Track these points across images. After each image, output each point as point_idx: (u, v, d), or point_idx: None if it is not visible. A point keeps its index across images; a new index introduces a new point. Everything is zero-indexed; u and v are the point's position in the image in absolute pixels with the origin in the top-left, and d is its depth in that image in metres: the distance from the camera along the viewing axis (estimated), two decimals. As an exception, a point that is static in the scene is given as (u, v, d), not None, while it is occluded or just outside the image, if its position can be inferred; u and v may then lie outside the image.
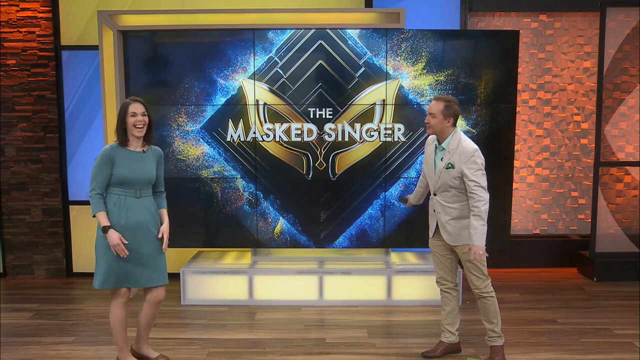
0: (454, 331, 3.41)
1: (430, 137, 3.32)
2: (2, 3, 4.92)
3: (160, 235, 3.04)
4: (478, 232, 3.04)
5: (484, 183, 3.06)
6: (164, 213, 3.15)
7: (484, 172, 3.09)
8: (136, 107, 2.93)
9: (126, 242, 2.91)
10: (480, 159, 3.08)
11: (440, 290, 3.41)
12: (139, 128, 2.93)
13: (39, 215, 5.14)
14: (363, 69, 4.24)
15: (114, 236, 2.88)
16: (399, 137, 4.31)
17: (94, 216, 2.92)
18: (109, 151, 2.92)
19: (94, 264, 3.03)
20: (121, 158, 2.92)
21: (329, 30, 4.22)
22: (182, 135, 4.33)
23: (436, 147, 3.21)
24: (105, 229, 2.89)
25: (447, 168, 3.10)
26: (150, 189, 3.07)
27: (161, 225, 3.08)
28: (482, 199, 3.03)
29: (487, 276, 3.23)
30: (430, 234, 3.34)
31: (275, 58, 4.24)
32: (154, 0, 4.89)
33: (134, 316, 3.48)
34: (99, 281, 2.99)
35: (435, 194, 3.21)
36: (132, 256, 2.95)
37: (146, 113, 2.96)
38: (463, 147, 3.07)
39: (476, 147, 3.09)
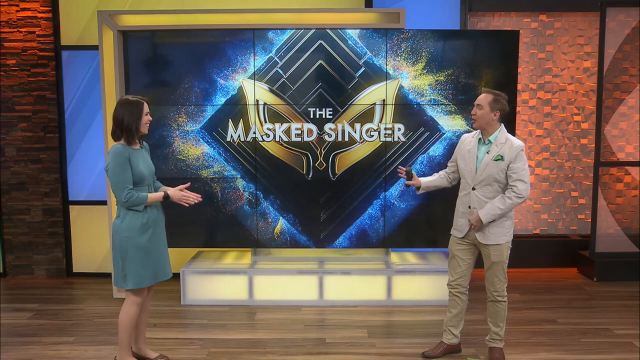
0: (456, 333, 3.42)
1: (468, 134, 3.33)
2: (2, 3, 4.92)
3: (183, 191, 3.07)
4: (492, 210, 3.07)
5: (527, 179, 3.09)
6: (166, 188, 3.15)
7: (528, 170, 3.13)
8: (147, 107, 3.02)
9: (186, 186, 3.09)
10: (525, 157, 3.13)
11: (450, 292, 3.39)
12: (147, 126, 3.03)
13: (39, 215, 5.14)
14: (363, 69, 4.24)
15: (175, 191, 3.02)
16: (399, 137, 4.31)
17: (146, 206, 2.94)
18: (122, 151, 2.91)
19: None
20: (133, 157, 2.95)
21: (329, 30, 4.22)
22: (182, 135, 4.33)
23: (479, 141, 3.20)
24: (167, 196, 2.98)
25: (496, 160, 3.09)
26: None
27: (169, 195, 3.06)
28: (520, 194, 3.05)
29: (507, 279, 3.25)
30: (460, 235, 3.27)
31: (275, 58, 4.24)
32: (154, 0, 4.89)
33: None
34: (134, 281, 2.97)
35: (474, 189, 3.17)
36: (158, 250, 3.03)
37: None
38: (512, 141, 3.11)
39: (523, 144, 3.14)
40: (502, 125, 3.18)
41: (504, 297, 3.23)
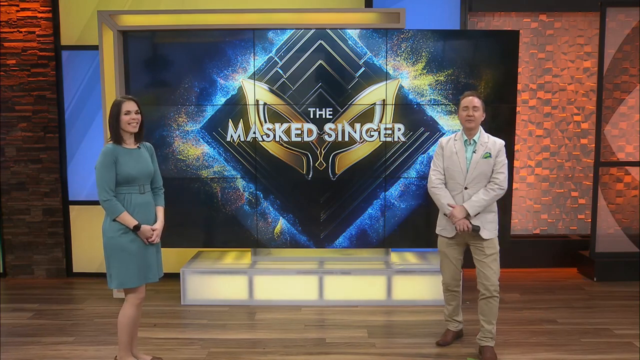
0: (460, 320, 3.61)
1: (445, 138, 3.42)
2: (2, 3, 4.92)
3: (152, 237, 3.03)
4: (478, 202, 3.22)
5: (506, 172, 3.29)
6: (160, 211, 3.14)
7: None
8: (129, 105, 2.95)
9: (156, 228, 3.03)
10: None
11: (447, 290, 3.53)
12: (133, 125, 2.96)
13: (39, 215, 5.14)
14: (363, 69, 4.24)
15: (146, 228, 2.97)
16: (399, 137, 4.31)
17: (114, 220, 2.91)
18: (110, 151, 2.91)
19: (104, 265, 3.00)
20: (122, 156, 2.93)
21: (329, 30, 4.22)
22: (182, 135, 4.33)
23: (465, 142, 3.31)
24: (137, 227, 2.93)
25: (485, 157, 3.25)
26: (149, 184, 3.10)
27: (155, 222, 3.08)
28: (501, 185, 3.24)
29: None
30: (451, 235, 3.35)
31: (275, 58, 4.24)
32: (154, 0, 4.89)
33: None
34: (117, 281, 2.96)
35: (466, 188, 3.28)
36: (147, 251, 3.00)
37: (139, 111, 2.99)
38: (494, 139, 3.31)
39: (504, 142, 3.34)
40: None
41: (497, 291, 3.32)
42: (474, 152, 3.27)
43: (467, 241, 3.35)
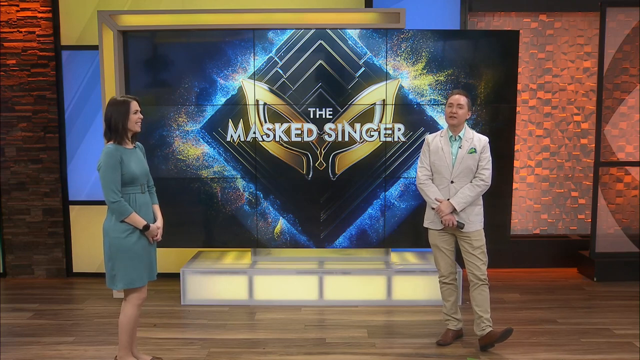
0: (459, 318, 3.63)
1: (431, 135, 3.55)
2: (2, 3, 4.92)
3: (157, 235, 3.06)
4: (464, 198, 3.35)
5: (491, 168, 3.44)
6: (157, 209, 3.16)
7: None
8: (136, 105, 2.98)
9: (159, 226, 3.09)
10: None
11: (445, 284, 3.58)
12: (139, 124, 3.00)
13: (39, 215, 5.14)
14: (363, 69, 4.24)
15: (154, 227, 3.02)
16: (399, 137, 4.31)
17: (122, 221, 2.91)
18: (115, 152, 2.90)
19: (104, 265, 3.00)
20: (125, 156, 2.93)
21: (329, 30, 4.22)
22: (182, 135, 4.33)
23: (450, 138, 3.43)
24: (147, 227, 2.96)
25: (470, 152, 3.40)
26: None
27: (155, 220, 3.10)
28: (486, 181, 3.39)
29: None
30: (439, 227, 3.46)
31: (275, 58, 4.24)
32: (154, 0, 4.89)
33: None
34: (123, 282, 2.96)
35: (452, 182, 3.39)
36: (150, 250, 3.04)
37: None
38: (478, 136, 3.46)
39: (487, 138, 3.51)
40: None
41: (487, 278, 3.45)
42: (460, 147, 3.41)
43: (455, 233, 3.47)
